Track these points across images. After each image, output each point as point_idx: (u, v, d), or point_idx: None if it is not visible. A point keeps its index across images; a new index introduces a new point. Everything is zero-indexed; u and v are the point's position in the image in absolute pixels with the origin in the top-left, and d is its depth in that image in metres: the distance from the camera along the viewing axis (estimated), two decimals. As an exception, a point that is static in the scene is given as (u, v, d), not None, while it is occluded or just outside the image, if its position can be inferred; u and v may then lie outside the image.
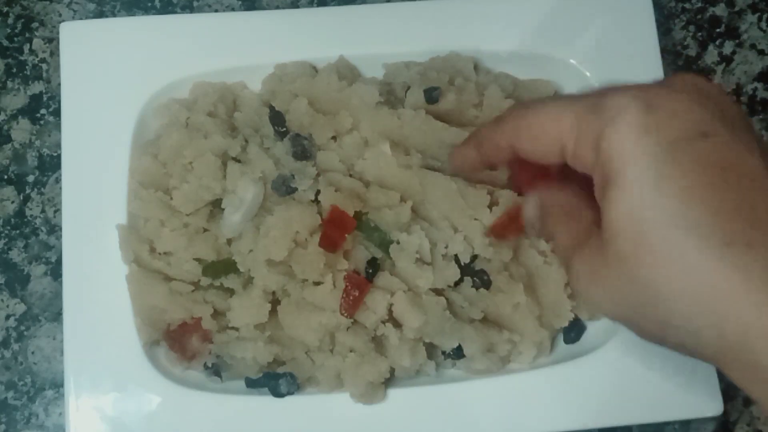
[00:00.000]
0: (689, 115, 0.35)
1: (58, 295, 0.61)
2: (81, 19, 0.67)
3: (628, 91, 0.36)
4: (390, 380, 0.56)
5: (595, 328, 0.59)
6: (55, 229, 0.63)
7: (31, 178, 0.64)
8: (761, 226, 0.33)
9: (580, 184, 0.41)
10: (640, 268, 0.35)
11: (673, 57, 0.69)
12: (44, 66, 0.66)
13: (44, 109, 0.66)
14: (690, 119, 0.35)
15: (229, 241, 0.57)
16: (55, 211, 0.64)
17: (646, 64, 0.61)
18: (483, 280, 0.57)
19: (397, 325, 0.56)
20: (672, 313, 0.35)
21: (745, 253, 0.33)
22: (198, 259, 0.57)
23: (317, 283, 0.55)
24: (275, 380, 0.56)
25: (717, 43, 0.69)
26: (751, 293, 0.32)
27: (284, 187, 0.57)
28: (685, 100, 0.35)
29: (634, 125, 0.35)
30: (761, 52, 0.69)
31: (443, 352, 0.57)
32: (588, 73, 0.61)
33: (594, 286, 0.37)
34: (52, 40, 0.66)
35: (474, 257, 0.57)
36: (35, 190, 0.64)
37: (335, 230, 0.55)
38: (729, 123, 0.35)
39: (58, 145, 0.62)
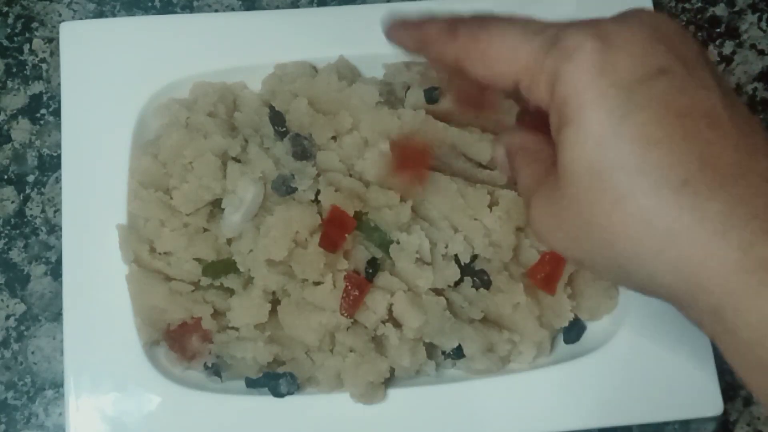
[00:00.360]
0: (646, 53, 0.34)
1: (58, 295, 0.61)
2: (81, 19, 0.67)
3: (584, 29, 0.35)
4: (390, 380, 0.56)
5: (595, 328, 0.59)
6: (55, 229, 0.63)
7: (31, 178, 0.64)
8: (716, 167, 0.33)
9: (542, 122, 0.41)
10: (595, 211, 0.34)
11: (673, 57, 0.69)
12: (44, 66, 0.66)
13: (44, 109, 0.66)
14: (647, 57, 0.34)
15: (229, 241, 0.57)
16: (55, 211, 0.64)
17: (646, 64, 0.61)
18: (483, 280, 0.57)
19: (397, 325, 0.56)
20: (627, 255, 0.34)
21: (700, 194, 0.33)
22: (198, 259, 0.57)
23: (317, 283, 0.55)
24: (275, 380, 0.56)
25: (717, 43, 0.69)
26: (706, 234, 0.32)
27: (284, 187, 0.57)
28: (642, 38, 0.35)
29: (590, 64, 0.34)
30: (761, 52, 0.69)
31: (443, 352, 0.57)
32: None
33: (550, 227, 0.37)
34: (52, 40, 0.66)
35: (474, 257, 0.57)
36: (35, 190, 0.64)
37: (335, 230, 0.55)
38: (688, 61, 0.35)
39: (58, 145, 0.62)
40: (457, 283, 0.57)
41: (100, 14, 0.67)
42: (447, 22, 0.40)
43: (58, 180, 0.64)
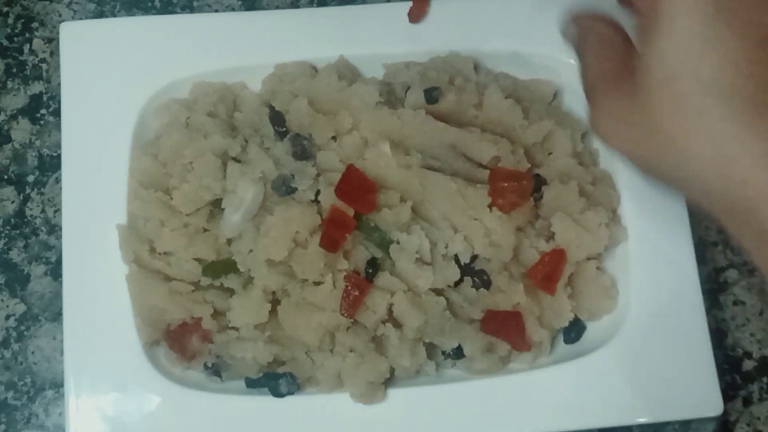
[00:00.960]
0: None
1: (58, 295, 0.61)
2: (81, 19, 0.67)
3: None
4: (390, 380, 0.56)
5: (595, 328, 0.59)
6: (55, 229, 0.63)
7: (31, 178, 0.64)
8: None
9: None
10: (666, 121, 0.37)
11: (673, 57, 0.69)
12: (44, 66, 0.66)
13: (44, 109, 0.66)
14: None
15: (229, 241, 0.57)
16: (55, 211, 0.64)
17: (646, 64, 0.61)
18: (483, 280, 0.57)
19: (397, 325, 0.56)
20: (687, 168, 0.37)
21: (765, 116, 0.35)
22: (198, 259, 0.57)
23: (317, 283, 0.55)
24: (275, 380, 0.56)
25: (717, 43, 0.69)
26: (761, 152, 0.34)
27: (284, 187, 0.57)
28: None
29: None
30: (761, 52, 0.69)
31: (443, 352, 0.57)
32: (588, 73, 0.61)
33: (616, 130, 0.40)
34: (52, 40, 0.66)
35: (474, 257, 0.57)
36: (35, 190, 0.64)
37: (335, 230, 0.55)
38: None
39: (58, 145, 0.62)
40: (457, 283, 0.57)
41: (100, 14, 0.67)
42: None
43: (58, 180, 0.64)
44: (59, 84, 0.60)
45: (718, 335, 0.63)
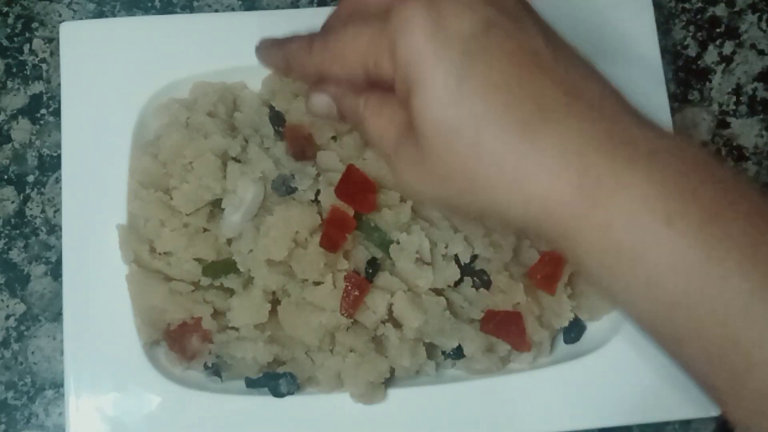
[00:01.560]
0: (472, 10, 0.37)
1: (58, 295, 0.61)
2: (81, 19, 0.67)
3: None
4: (390, 380, 0.56)
5: (595, 328, 0.59)
6: (55, 229, 0.63)
7: (31, 178, 0.64)
8: (550, 105, 0.36)
9: None
10: (453, 163, 0.38)
11: (673, 57, 0.69)
12: (44, 66, 0.66)
13: (44, 109, 0.66)
14: (473, 14, 0.37)
15: (229, 241, 0.57)
16: (55, 211, 0.64)
17: (646, 64, 0.61)
18: (483, 280, 0.57)
19: (397, 325, 0.56)
20: (485, 198, 0.38)
21: (539, 132, 0.36)
22: (198, 259, 0.57)
23: (317, 283, 0.55)
24: (275, 380, 0.56)
25: (717, 43, 0.69)
26: (547, 167, 0.36)
27: (284, 187, 0.57)
28: None
29: (421, 31, 0.37)
30: (761, 52, 0.69)
31: (443, 352, 0.57)
32: (588, 73, 0.61)
33: (417, 181, 0.40)
34: (52, 40, 0.66)
35: (474, 257, 0.57)
36: (35, 190, 0.64)
37: (335, 230, 0.55)
38: (511, 14, 0.38)
39: (58, 145, 0.62)
40: (457, 283, 0.57)
41: (100, 14, 0.67)
42: (306, 37, 0.44)
43: (58, 180, 0.64)
44: (59, 84, 0.60)
45: (718, 335, 0.63)
